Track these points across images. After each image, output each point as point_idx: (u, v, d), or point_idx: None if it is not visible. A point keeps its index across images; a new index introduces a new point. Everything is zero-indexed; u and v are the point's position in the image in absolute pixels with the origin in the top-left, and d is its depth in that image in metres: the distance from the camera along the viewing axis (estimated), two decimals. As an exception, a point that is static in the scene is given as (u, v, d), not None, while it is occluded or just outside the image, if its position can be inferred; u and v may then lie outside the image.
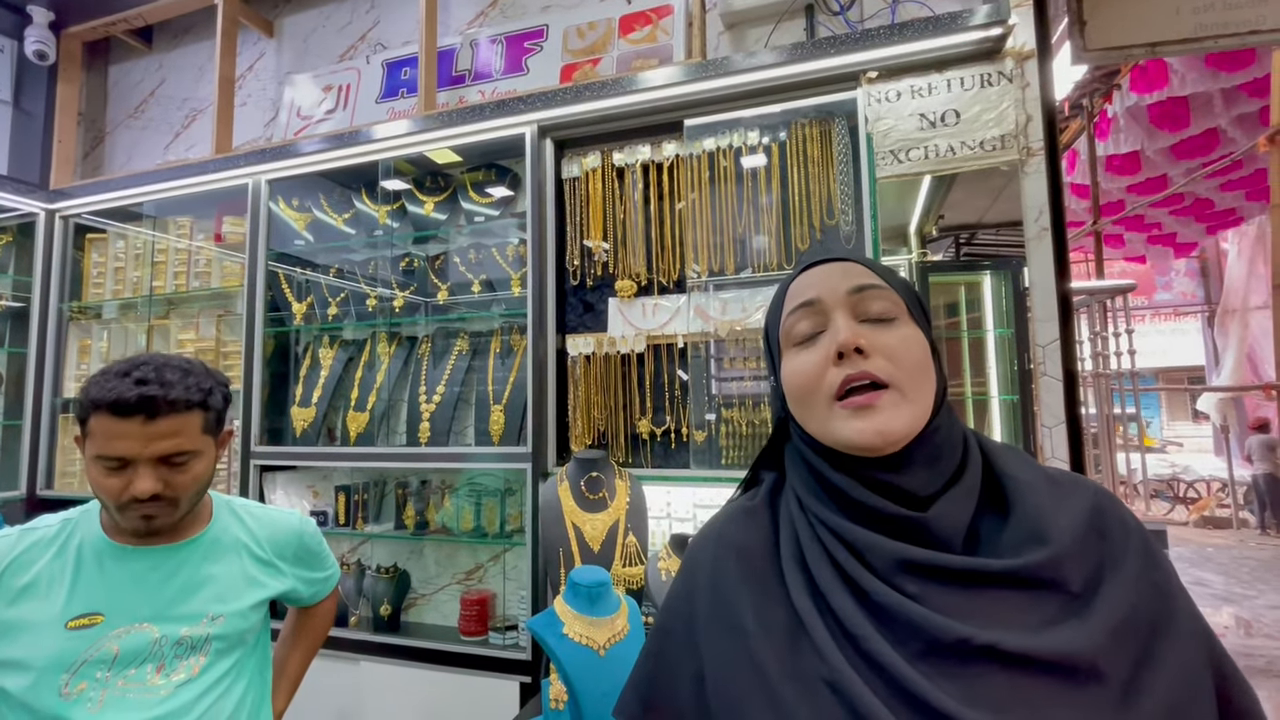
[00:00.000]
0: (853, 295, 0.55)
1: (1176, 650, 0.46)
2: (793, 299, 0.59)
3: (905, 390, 0.52)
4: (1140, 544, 0.51)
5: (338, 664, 1.94)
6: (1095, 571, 0.49)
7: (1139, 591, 0.48)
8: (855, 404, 0.51)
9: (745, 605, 0.54)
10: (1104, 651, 0.44)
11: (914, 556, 0.49)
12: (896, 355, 0.52)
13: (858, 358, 0.52)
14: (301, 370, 2.24)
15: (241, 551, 1.03)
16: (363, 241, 2.22)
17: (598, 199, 1.89)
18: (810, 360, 0.55)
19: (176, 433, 0.89)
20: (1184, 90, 4.20)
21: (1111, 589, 0.47)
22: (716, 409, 1.74)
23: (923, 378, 0.53)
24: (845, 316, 0.55)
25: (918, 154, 1.52)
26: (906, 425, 0.51)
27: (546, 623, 1.33)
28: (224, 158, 2.25)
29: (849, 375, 0.52)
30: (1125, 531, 0.51)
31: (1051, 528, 0.49)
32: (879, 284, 0.55)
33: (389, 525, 2.07)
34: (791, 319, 0.57)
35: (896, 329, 0.54)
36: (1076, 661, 0.44)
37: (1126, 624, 0.46)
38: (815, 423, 0.55)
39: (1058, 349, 1.39)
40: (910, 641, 0.47)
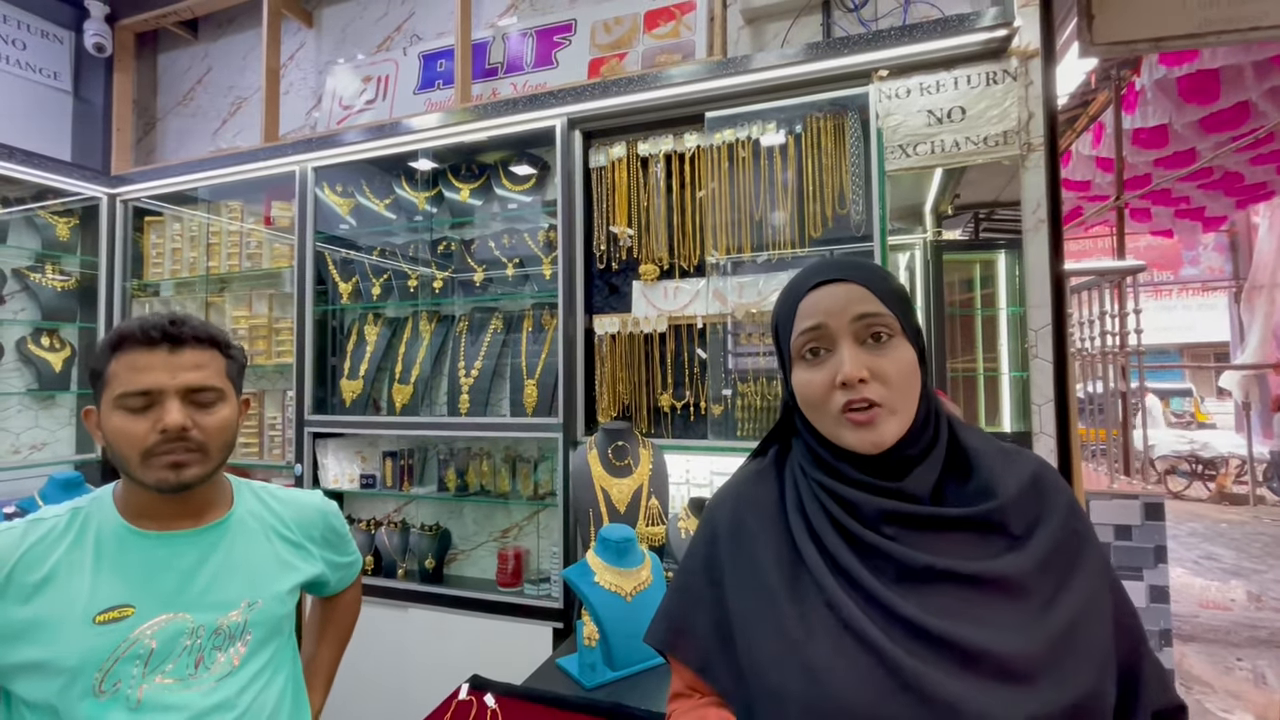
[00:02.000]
0: (856, 323, 0.66)
1: (1083, 579, 0.62)
2: (803, 318, 0.68)
3: (896, 407, 0.64)
4: (1067, 502, 0.67)
5: (389, 610, 2.16)
6: (1033, 520, 0.64)
7: (1062, 535, 0.64)
8: (856, 420, 0.64)
9: (759, 544, 0.69)
10: (1032, 576, 0.60)
11: (890, 507, 0.64)
12: (889, 378, 0.64)
13: (860, 384, 0.64)
14: (349, 345, 2.42)
15: (270, 533, 0.99)
16: (403, 225, 2.38)
17: (623, 187, 2.01)
18: (819, 380, 0.66)
19: (202, 365, 0.87)
20: (1214, 63, 4.12)
21: (1042, 533, 0.63)
22: (732, 385, 1.89)
23: (910, 392, 0.65)
24: (850, 345, 0.65)
25: (925, 148, 1.62)
26: (895, 434, 0.65)
27: (580, 572, 1.52)
28: (272, 146, 2.40)
29: (851, 400, 0.64)
30: (1058, 491, 0.67)
31: (999, 485, 0.65)
32: (879, 311, 0.66)
33: (431, 488, 2.27)
34: (802, 339, 0.68)
35: (891, 351, 0.65)
36: (1011, 581, 0.60)
37: (1051, 557, 0.62)
38: (824, 426, 0.68)
39: (1049, 334, 1.50)
40: (887, 569, 0.62)
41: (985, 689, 0.55)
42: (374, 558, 2.27)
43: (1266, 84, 4.29)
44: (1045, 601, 0.59)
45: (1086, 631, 0.59)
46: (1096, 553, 0.64)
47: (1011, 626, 0.58)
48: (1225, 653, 3.83)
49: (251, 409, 2.56)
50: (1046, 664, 0.56)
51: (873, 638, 0.58)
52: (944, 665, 0.57)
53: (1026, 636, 0.57)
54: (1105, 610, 0.61)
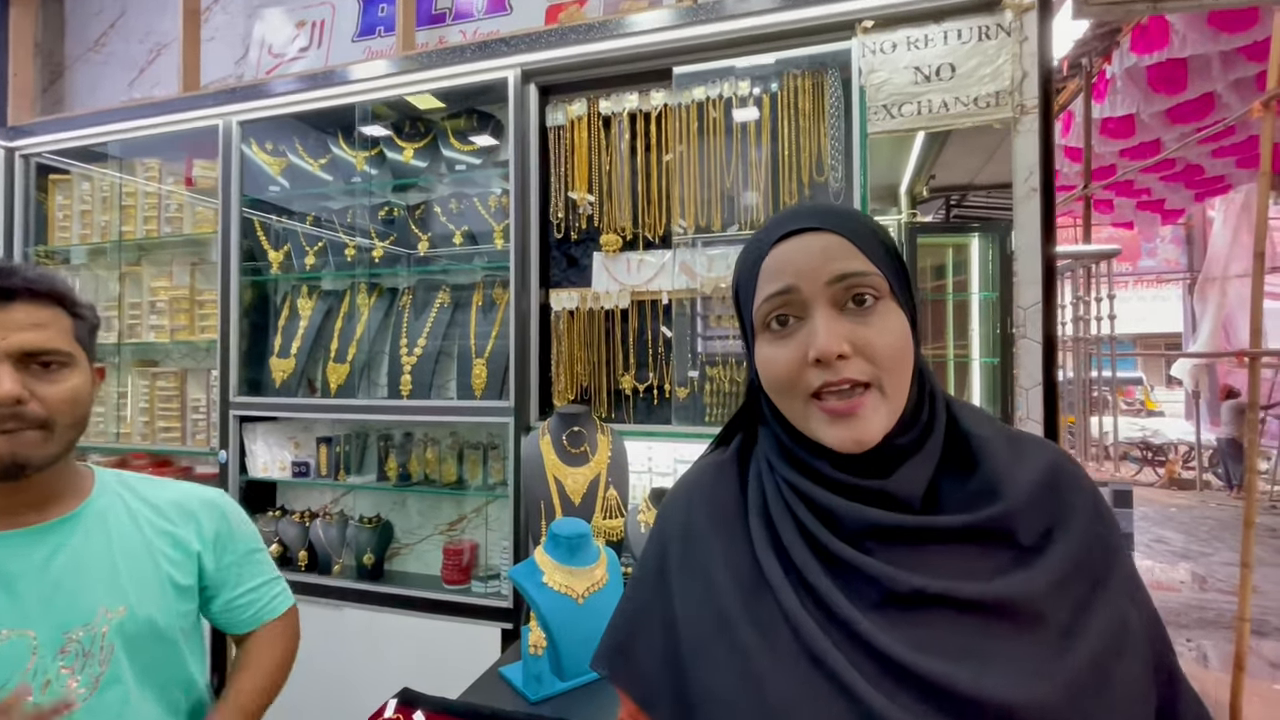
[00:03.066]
0: (834, 284, 0.52)
1: (1110, 600, 0.49)
2: (768, 280, 0.54)
3: (885, 387, 0.51)
4: (1090, 502, 0.53)
5: (322, 610, 1.98)
6: (1047, 527, 0.51)
7: (1085, 545, 0.50)
8: (835, 411, 0.51)
9: (714, 554, 0.57)
10: (1046, 598, 0.47)
11: (874, 519, 0.51)
12: (876, 352, 0.51)
13: (838, 362, 0.51)
14: (280, 320, 2.20)
15: (140, 527, 0.83)
16: (340, 189, 2.15)
17: (583, 149, 1.84)
18: (786, 356, 0.53)
19: (42, 325, 0.74)
20: (1184, 52, 4.13)
21: (1060, 542, 0.50)
22: (700, 366, 1.74)
23: (901, 367, 0.52)
24: (825, 312, 0.52)
25: (910, 109, 1.49)
26: (885, 425, 0.52)
27: (527, 572, 1.36)
28: (191, 96, 2.15)
29: (828, 381, 0.51)
30: (1078, 489, 0.53)
31: (1006, 484, 0.51)
32: (862, 269, 0.52)
33: (371, 477, 2.08)
34: (767, 305, 0.54)
35: (877, 317, 0.52)
36: (1020, 606, 0.47)
37: (1071, 573, 0.49)
38: (791, 414, 0.55)
39: (1039, 312, 1.40)
40: (867, 593, 0.49)
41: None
42: (308, 553, 2.07)
43: (1233, 75, 4.32)
44: (1064, 631, 0.47)
45: (1117, 669, 0.46)
46: (1125, 565, 0.51)
47: (1022, 666, 0.45)
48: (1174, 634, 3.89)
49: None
50: (1067, 714, 0.43)
51: (847, 679, 0.46)
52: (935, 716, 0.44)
53: (1041, 679, 0.44)
54: (1139, 639, 0.49)
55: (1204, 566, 5.16)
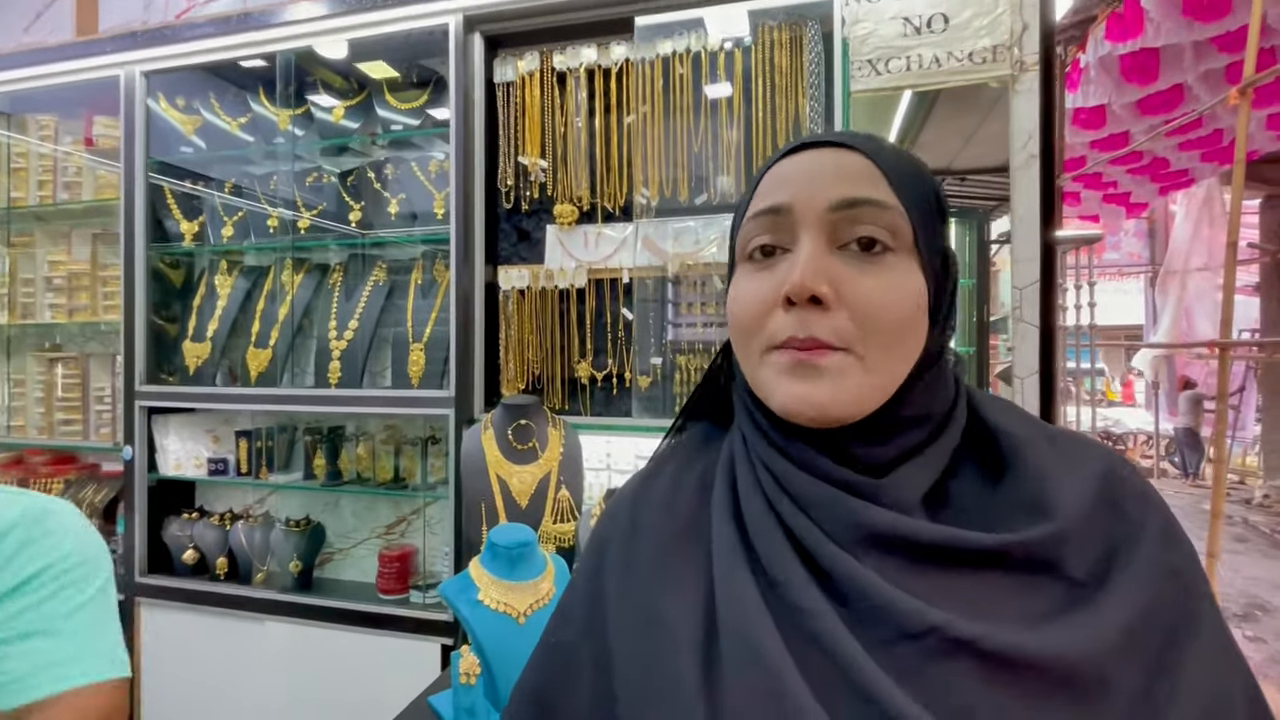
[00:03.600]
0: (837, 211, 0.40)
1: (1202, 661, 0.35)
2: (762, 195, 0.43)
3: (867, 357, 0.39)
4: (1162, 522, 0.39)
5: (241, 624, 1.76)
6: (1105, 554, 0.38)
7: (1158, 581, 0.37)
8: (793, 357, 0.39)
9: (665, 585, 0.43)
10: (1114, 658, 0.34)
11: (880, 523, 0.38)
12: (869, 310, 0.38)
13: (812, 310, 0.39)
14: (195, 300, 1.95)
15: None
16: (262, 151, 1.91)
17: (535, 109, 1.64)
18: (756, 290, 0.42)
19: None
20: (1158, 41, 4.10)
21: (1126, 577, 0.37)
22: (664, 353, 1.58)
23: (899, 341, 0.40)
24: (815, 242, 0.40)
25: (899, 64, 1.33)
26: (851, 402, 0.39)
27: (459, 588, 1.18)
28: (87, 41, 1.88)
29: (793, 337, 0.39)
30: (1144, 506, 0.40)
31: (1057, 496, 0.38)
32: (879, 199, 0.40)
33: (297, 475, 1.86)
34: (751, 225, 0.43)
35: (883, 269, 0.39)
36: (1080, 667, 0.34)
37: (1142, 622, 0.35)
38: (748, 369, 0.43)
39: (1036, 293, 1.26)
40: (870, 626, 0.36)
41: None
42: (227, 560, 1.85)
43: (1204, 66, 4.31)
44: (1138, 707, 0.34)
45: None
46: (1211, 611, 0.38)
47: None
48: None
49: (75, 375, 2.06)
50: None
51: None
52: None
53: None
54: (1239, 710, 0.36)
55: (1163, 555, 5.25)
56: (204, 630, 1.78)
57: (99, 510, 2.01)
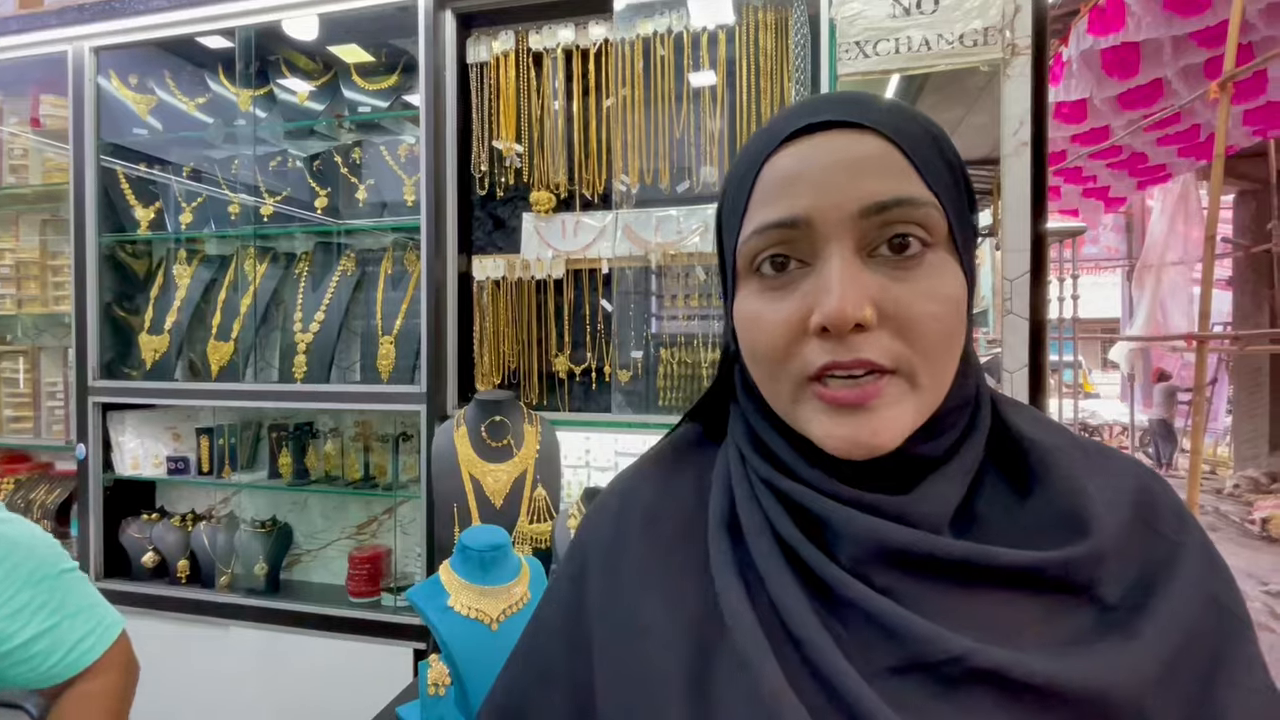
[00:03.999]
0: (869, 218, 0.34)
1: (1243, 697, 0.32)
2: (767, 200, 0.36)
3: (918, 376, 0.34)
4: (1200, 543, 0.37)
5: (205, 630, 1.69)
6: (1141, 578, 0.35)
7: (1197, 609, 0.34)
8: (839, 400, 0.34)
9: (652, 593, 0.40)
10: (1153, 690, 0.31)
11: (896, 539, 0.34)
12: (916, 326, 0.34)
13: (853, 335, 0.33)
14: (152, 290, 1.86)
15: None
16: (222, 134, 1.82)
17: (510, 91, 1.57)
18: (779, 317, 0.36)
19: None
20: (1139, 35, 4.12)
21: (1164, 603, 0.34)
22: (646, 346, 1.52)
23: (948, 350, 0.35)
24: (846, 256, 0.34)
25: (887, 47, 1.28)
26: (907, 426, 0.35)
27: (429, 594, 1.12)
28: (31, 14, 1.77)
29: (837, 361, 0.34)
30: (1182, 526, 0.37)
31: (1093, 512, 0.35)
32: (915, 196, 0.34)
33: (261, 474, 1.78)
34: (759, 240, 0.36)
35: (923, 274, 0.34)
36: (1116, 701, 0.31)
37: (1182, 653, 0.32)
38: (776, 400, 0.38)
39: (1026, 284, 1.22)
40: (877, 654, 0.33)
41: None
42: (189, 562, 1.77)
43: (1182, 61, 4.34)
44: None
45: None
46: (1252, 642, 0.34)
47: None
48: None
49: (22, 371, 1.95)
50: None
51: None
52: None
53: None
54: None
55: (1138, 545, 5.35)
56: (165, 637, 1.70)
57: (51, 512, 1.92)
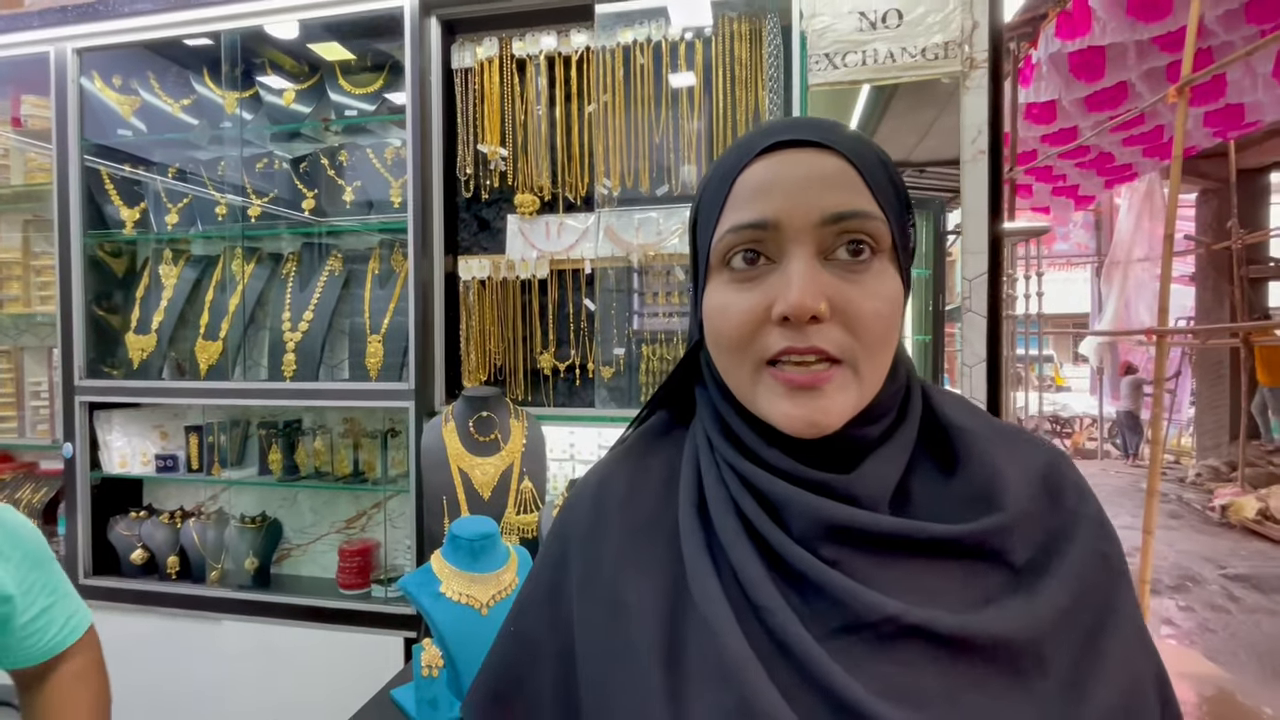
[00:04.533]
0: (828, 226, 0.40)
1: (1124, 641, 0.39)
2: (740, 204, 0.42)
3: (860, 366, 0.41)
4: (1095, 514, 0.43)
5: (195, 624, 1.72)
6: (1044, 543, 0.41)
7: (1089, 568, 0.41)
8: (792, 382, 0.40)
9: (628, 570, 0.45)
10: (1050, 639, 0.38)
11: (839, 518, 0.40)
12: (862, 321, 0.40)
13: (810, 325, 0.39)
14: (138, 290, 1.87)
15: None
16: (207, 135, 1.84)
17: (494, 96, 1.61)
18: (745, 306, 0.41)
19: None
20: (1104, 39, 4.25)
21: (1061, 565, 0.40)
22: (628, 343, 1.58)
23: (886, 344, 0.41)
24: (806, 258, 0.40)
25: (855, 59, 1.35)
26: (848, 411, 0.41)
27: (421, 581, 1.17)
28: (12, 15, 1.76)
29: (792, 346, 0.40)
30: (1081, 499, 0.43)
31: (1005, 488, 0.41)
32: (867, 210, 0.40)
33: (251, 470, 1.81)
34: (732, 238, 0.42)
35: (873, 279, 0.41)
36: (1017, 647, 0.37)
37: (1076, 606, 0.39)
38: (738, 382, 0.43)
39: (984, 284, 1.31)
40: (826, 617, 0.39)
41: None
42: (179, 558, 1.80)
43: (1146, 65, 4.49)
44: (1070, 683, 0.37)
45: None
46: (1131, 596, 0.41)
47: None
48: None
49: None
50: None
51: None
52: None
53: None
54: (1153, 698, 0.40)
55: (1104, 531, 5.54)
56: (156, 632, 1.73)
57: (38, 511, 1.93)
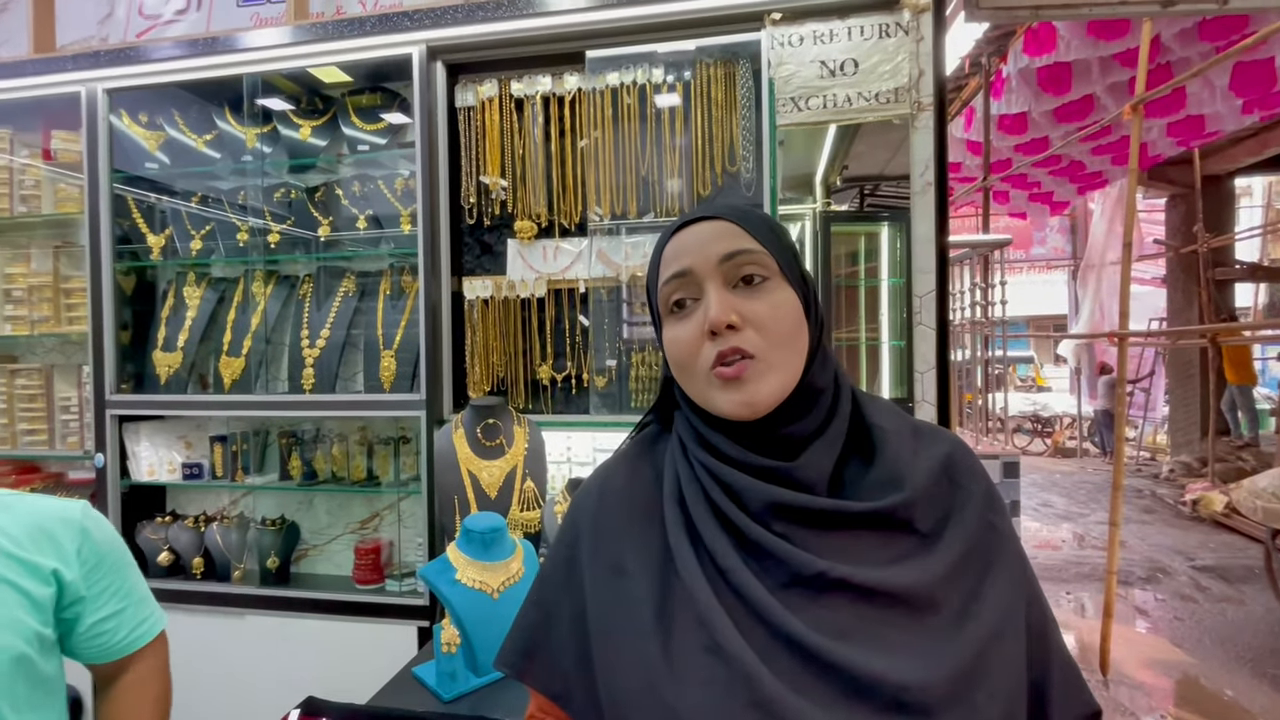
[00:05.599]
0: (724, 263, 0.55)
1: (998, 585, 0.52)
2: (668, 265, 0.58)
3: (772, 360, 0.53)
4: (984, 490, 0.56)
5: (222, 619, 1.86)
6: (943, 514, 0.54)
7: (977, 531, 0.53)
8: (725, 375, 0.53)
9: (626, 546, 0.57)
10: (941, 585, 0.50)
11: (782, 499, 0.52)
12: (765, 325, 0.54)
13: (729, 333, 0.53)
14: (164, 311, 2.01)
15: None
16: (229, 167, 1.99)
17: (495, 132, 1.77)
18: (686, 334, 0.56)
19: None
20: (1069, 55, 4.46)
21: (954, 530, 0.53)
22: (619, 354, 1.74)
23: (791, 343, 0.54)
24: (717, 288, 0.55)
25: (817, 102, 1.52)
26: (773, 393, 0.53)
27: (438, 570, 1.32)
28: (46, 58, 1.91)
29: (720, 351, 0.53)
30: (973, 479, 0.56)
31: (908, 473, 0.54)
32: (750, 248, 0.55)
33: (273, 476, 1.96)
34: (667, 288, 0.58)
35: (767, 295, 0.55)
36: (916, 594, 0.49)
37: (964, 561, 0.52)
38: (694, 390, 0.57)
39: (933, 300, 1.48)
40: (774, 574, 0.51)
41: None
42: (204, 559, 1.93)
43: (1109, 79, 4.70)
44: (956, 617, 0.50)
45: (1000, 653, 0.49)
46: (1013, 549, 0.54)
47: (914, 650, 0.48)
48: (1056, 588, 4.32)
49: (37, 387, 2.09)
50: (952, 696, 0.46)
51: (749, 669, 0.47)
52: (835, 700, 0.46)
53: (931, 663, 0.47)
54: (1020, 621, 0.52)
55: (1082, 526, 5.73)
56: (187, 627, 1.86)
57: (70, 517, 2.05)
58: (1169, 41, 4.33)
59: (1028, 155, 5.93)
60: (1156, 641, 3.57)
